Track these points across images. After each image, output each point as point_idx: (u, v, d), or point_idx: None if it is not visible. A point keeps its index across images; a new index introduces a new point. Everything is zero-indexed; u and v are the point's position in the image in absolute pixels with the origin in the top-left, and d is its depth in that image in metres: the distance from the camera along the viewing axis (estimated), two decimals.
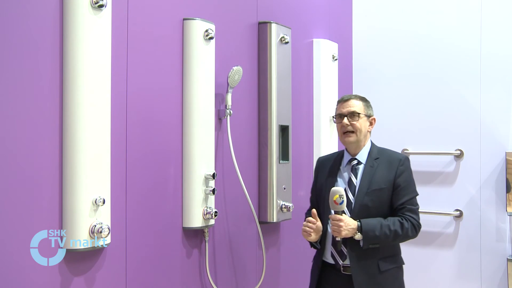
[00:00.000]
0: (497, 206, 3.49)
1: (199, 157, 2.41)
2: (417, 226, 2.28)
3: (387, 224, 2.22)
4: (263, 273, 2.81)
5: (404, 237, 2.26)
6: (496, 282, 3.48)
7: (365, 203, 2.27)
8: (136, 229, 2.15)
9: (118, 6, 2.07)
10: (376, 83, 3.96)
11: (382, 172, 2.30)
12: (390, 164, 2.32)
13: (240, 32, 2.82)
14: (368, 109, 2.39)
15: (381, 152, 2.38)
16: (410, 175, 2.34)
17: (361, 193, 2.28)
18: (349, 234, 2.20)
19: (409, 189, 2.31)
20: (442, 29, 3.73)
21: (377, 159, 2.34)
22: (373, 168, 2.31)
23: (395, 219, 2.25)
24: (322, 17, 3.66)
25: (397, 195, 2.28)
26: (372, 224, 2.21)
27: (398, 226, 2.23)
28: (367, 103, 2.40)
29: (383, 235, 2.21)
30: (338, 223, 2.18)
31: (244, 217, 2.80)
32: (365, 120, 2.36)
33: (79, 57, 1.87)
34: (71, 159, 1.86)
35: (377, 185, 2.28)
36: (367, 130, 2.37)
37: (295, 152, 3.16)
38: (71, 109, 1.86)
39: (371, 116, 2.40)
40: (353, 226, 2.20)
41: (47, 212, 1.82)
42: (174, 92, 2.38)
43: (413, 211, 2.28)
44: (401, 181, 2.29)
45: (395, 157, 2.35)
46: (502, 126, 3.51)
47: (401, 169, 2.30)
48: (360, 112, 2.34)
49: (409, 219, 2.25)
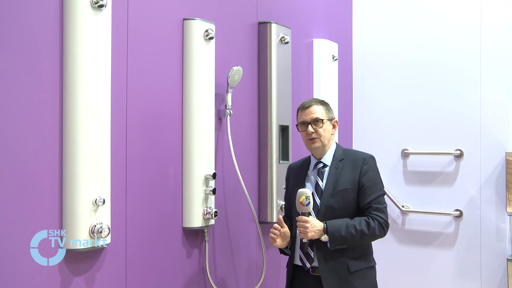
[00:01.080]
0: (497, 206, 3.49)
1: (199, 157, 2.41)
2: (384, 224, 2.24)
3: (353, 224, 2.20)
4: (263, 273, 2.81)
5: (371, 236, 2.24)
6: (496, 282, 3.48)
7: (331, 204, 2.25)
8: (136, 229, 2.16)
9: (118, 6, 2.07)
10: (376, 83, 3.96)
11: (347, 173, 2.29)
12: (355, 164, 2.30)
13: (240, 32, 2.82)
14: (330, 113, 2.38)
15: (346, 153, 2.37)
16: (376, 173, 2.32)
17: (327, 194, 2.27)
18: (315, 235, 2.18)
19: (374, 188, 2.28)
20: (442, 29, 3.73)
21: (342, 160, 2.33)
22: (338, 169, 2.30)
23: (362, 218, 2.23)
24: (322, 17, 3.66)
25: (363, 195, 2.26)
26: (338, 224, 2.20)
27: (365, 225, 2.20)
28: (327, 107, 2.39)
29: (349, 235, 2.18)
30: (304, 224, 2.17)
31: (244, 217, 2.81)
32: (328, 125, 2.34)
33: (79, 57, 1.87)
34: (71, 159, 1.86)
35: (342, 186, 2.27)
36: (331, 133, 2.36)
37: (295, 152, 3.16)
38: (71, 109, 1.86)
39: (333, 119, 2.38)
40: (319, 228, 2.18)
41: (47, 212, 1.82)
42: (174, 92, 2.38)
43: (380, 210, 2.25)
44: (366, 180, 2.27)
45: (359, 156, 2.34)
46: (502, 126, 3.51)
47: (365, 168, 2.28)
48: (323, 118, 2.32)
49: (375, 218, 2.22)
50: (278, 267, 3.08)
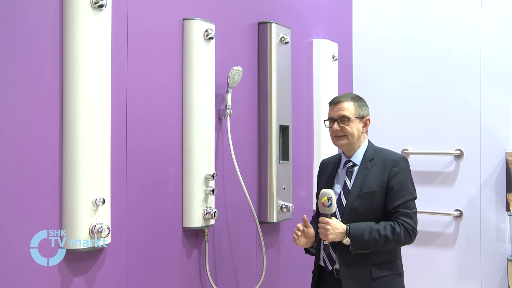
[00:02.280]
0: (497, 206, 3.49)
1: (199, 157, 2.41)
2: (411, 231, 2.13)
3: (377, 228, 2.11)
4: (263, 273, 2.81)
5: (396, 242, 2.14)
6: (496, 282, 3.48)
7: (356, 206, 2.17)
8: (136, 229, 2.15)
9: (118, 6, 2.07)
10: (376, 83, 3.96)
11: (376, 174, 2.19)
12: (384, 165, 2.20)
13: (240, 32, 2.82)
14: (361, 110, 2.26)
15: (377, 152, 2.26)
16: (406, 176, 2.20)
17: (353, 196, 2.19)
18: (336, 238, 2.11)
19: (403, 191, 2.16)
20: (442, 29, 3.74)
21: (372, 160, 2.23)
22: (367, 169, 2.21)
23: (387, 223, 2.13)
24: (322, 17, 3.66)
25: (390, 198, 2.16)
26: (361, 228, 2.11)
27: (389, 231, 2.11)
28: (359, 103, 2.27)
29: (372, 240, 2.10)
30: (325, 226, 2.11)
31: (244, 217, 2.80)
32: (357, 123, 2.24)
33: (79, 57, 1.86)
34: (71, 159, 1.86)
35: (369, 188, 2.17)
36: (361, 132, 2.26)
37: (295, 152, 3.16)
38: (71, 109, 1.86)
39: (364, 117, 2.27)
40: (341, 230, 2.11)
41: (47, 212, 1.82)
42: (174, 92, 2.38)
43: (407, 215, 2.14)
44: (395, 183, 2.16)
45: (389, 157, 2.22)
46: (502, 126, 3.51)
47: (395, 170, 2.17)
48: (350, 116, 2.22)
49: (402, 224, 2.12)
50: (278, 267, 3.08)
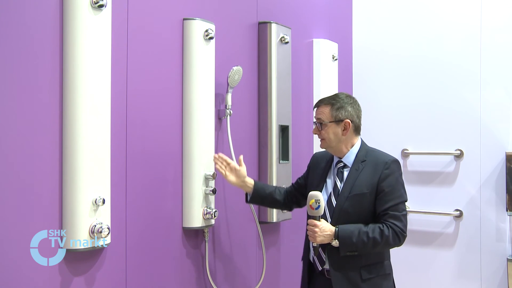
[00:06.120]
0: (497, 206, 3.49)
1: (199, 157, 2.41)
2: (400, 233, 2.11)
3: (366, 231, 2.09)
4: (263, 273, 2.81)
5: (385, 245, 2.12)
6: (496, 282, 3.48)
7: (345, 208, 2.15)
8: (136, 229, 2.16)
9: (118, 6, 2.07)
10: (376, 83, 3.96)
11: (366, 176, 2.16)
12: (376, 167, 2.17)
13: (240, 32, 2.82)
14: (338, 113, 2.21)
15: (370, 154, 2.23)
16: (397, 179, 2.18)
17: (342, 197, 2.17)
18: (325, 240, 2.11)
19: (393, 194, 2.14)
20: (442, 29, 3.74)
21: (363, 162, 2.20)
22: (358, 171, 2.18)
23: (376, 226, 2.11)
24: (322, 17, 3.66)
25: (380, 201, 2.14)
26: (350, 230, 2.10)
27: (378, 233, 2.09)
28: (337, 106, 2.21)
29: (360, 243, 2.08)
30: (313, 228, 2.10)
31: (244, 217, 2.80)
32: (333, 127, 2.20)
33: (79, 57, 1.87)
34: (71, 159, 1.86)
35: (359, 190, 2.15)
36: (340, 135, 2.21)
37: (295, 152, 3.16)
38: (71, 109, 1.86)
39: (342, 120, 2.21)
40: (329, 233, 2.10)
41: (47, 212, 1.82)
42: (174, 92, 2.38)
43: (397, 217, 2.11)
44: (385, 185, 2.14)
45: (381, 160, 2.19)
46: (502, 126, 3.51)
47: (386, 172, 2.15)
48: (324, 120, 2.21)
49: (391, 226, 2.10)
50: (278, 267, 3.08)
